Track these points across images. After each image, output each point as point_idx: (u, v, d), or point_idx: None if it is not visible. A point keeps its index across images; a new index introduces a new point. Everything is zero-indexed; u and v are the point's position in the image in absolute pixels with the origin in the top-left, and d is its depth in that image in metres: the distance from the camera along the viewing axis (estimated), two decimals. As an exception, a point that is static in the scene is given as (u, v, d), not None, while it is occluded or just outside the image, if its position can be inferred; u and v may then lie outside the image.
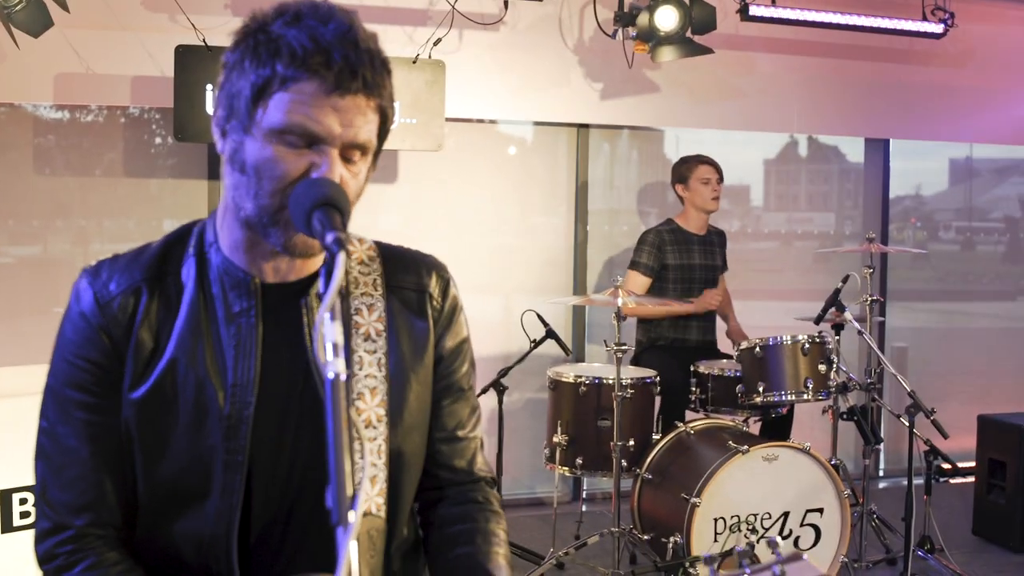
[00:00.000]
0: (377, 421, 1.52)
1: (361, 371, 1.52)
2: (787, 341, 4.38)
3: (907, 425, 4.18)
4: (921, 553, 4.48)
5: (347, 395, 1.14)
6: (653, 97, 5.73)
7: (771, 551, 1.20)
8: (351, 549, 1.03)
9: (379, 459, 1.51)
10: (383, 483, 1.52)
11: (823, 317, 4.46)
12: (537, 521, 5.31)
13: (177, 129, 4.64)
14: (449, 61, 5.07)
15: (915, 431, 4.19)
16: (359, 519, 1.05)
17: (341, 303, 1.52)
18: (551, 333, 4.63)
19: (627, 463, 4.31)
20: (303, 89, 1.35)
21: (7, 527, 2.98)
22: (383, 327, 1.56)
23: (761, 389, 4.37)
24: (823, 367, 4.37)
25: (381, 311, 1.57)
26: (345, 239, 1.24)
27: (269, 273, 1.51)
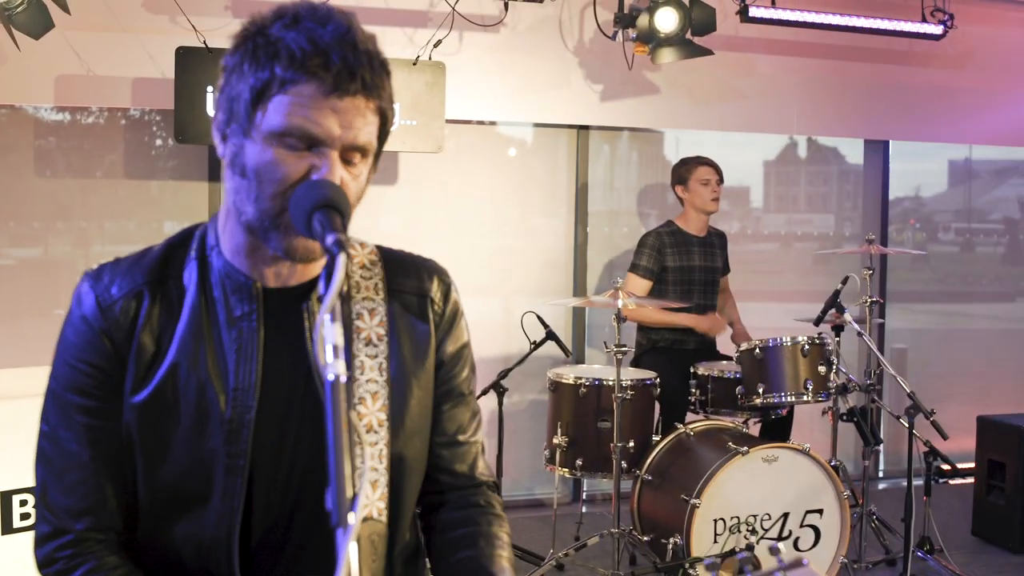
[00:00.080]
0: (378, 426, 1.51)
1: (362, 376, 1.51)
2: (787, 342, 4.38)
3: (907, 426, 4.18)
4: (920, 554, 4.48)
5: (348, 397, 1.14)
6: (653, 99, 5.73)
7: (773, 556, 1.19)
8: (351, 551, 1.03)
9: (380, 464, 1.51)
10: (384, 488, 1.52)
11: (823, 318, 4.46)
12: (537, 522, 5.31)
13: (178, 131, 4.65)
14: (449, 63, 5.07)
15: (915, 432, 4.20)
16: (359, 522, 1.05)
17: (342, 306, 1.52)
18: (551, 335, 4.63)
19: (627, 464, 4.32)
20: (302, 91, 1.34)
21: (7, 529, 2.98)
22: (384, 332, 1.56)
23: (761, 390, 4.37)
24: (823, 368, 4.38)
25: (382, 316, 1.56)
26: (345, 240, 1.24)
27: (271, 277, 1.51)
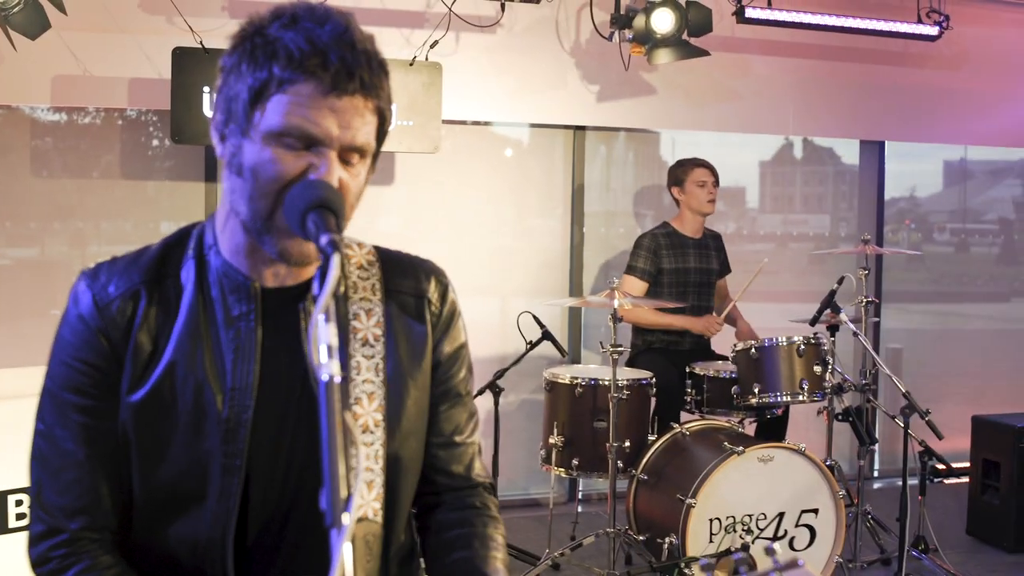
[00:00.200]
0: (374, 426, 1.51)
1: (359, 376, 1.51)
2: (782, 342, 4.39)
3: (902, 426, 4.19)
4: (915, 553, 4.49)
5: (343, 397, 1.14)
6: (649, 99, 5.74)
7: (768, 557, 1.19)
8: (345, 551, 1.03)
9: (376, 464, 1.51)
10: (380, 488, 1.52)
11: (818, 318, 4.47)
12: (533, 522, 5.31)
13: (174, 131, 4.65)
14: (446, 63, 5.07)
15: (910, 432, 4.20)
16: (353, 521, 1.05)
17: (337, 306, 1.52)
18: (547, 335, 4.63)
19: (623, 464, 4.32)
20: (300, 91, 1.34)
21: (3, 529, 2.98)
22: (381, 332, 1.55)
23: (756, 390, 4.38)
24: (818, 368, 4.39)
25: (379, 316, 1.56)
26: (339, 241, 1.24)
27: (269, 277, 1.50)
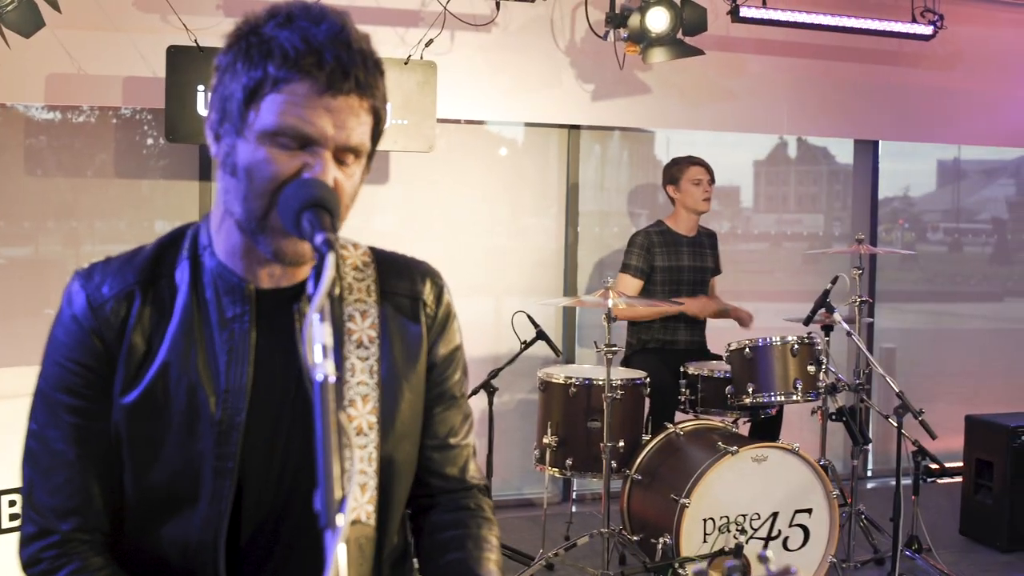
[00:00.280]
0: (368, 428, 1.50)
1: (353, 378, 1.50)
2: (776, 342, 4.39)
3: (895, 426, 4.20)
4: (909, 553, 4.50)
5: (337, 398, 1.13)
6: (644, 98, 5.74)
7: (762, 564, 1.18)
8: (340, 553, 1.02)
9: (370, 467, 1.50)
10: (373, 491, 1.51)
11: (812, 318, 4.47)
12: (527, 522, 5.31)
13: (168, 130, 4.64)
14: (440, 62, 5.07)
15: (903, 431, 4.21)
16: (347, 523, 1.05)
17: (333, 307, 1.51)
18: (541, 334, 4.63)
19: (617, 464, 4.33)
20: (295, 90, 1.33)
21: (-2, 528, 2.98)
22: (376, 334, 1.54)
23: (750, 390, 4.38)
24: (812, 368, 4.39)
25: (374, 318, 1.55)
26: (334, 240, 1.23)
27: (264, 279, 1.49)
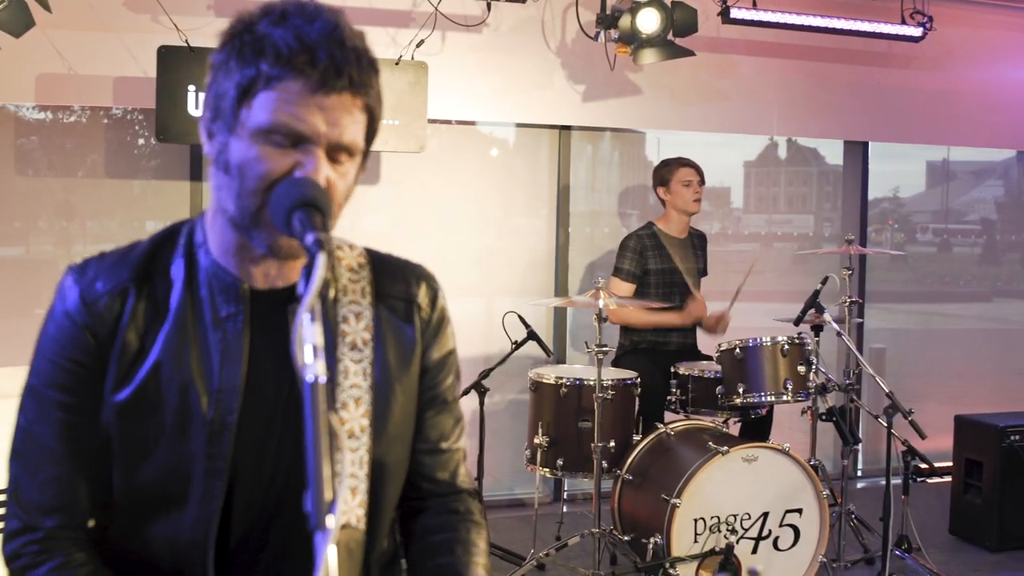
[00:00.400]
0: (360, 431, 1.49)
1: (346, 380, 1.49)
2: (767, 342, 4.40)
3: (885, 425, 4.21)
4: (899, 553, 4.51)
5: (328, 399, 1.13)
6: (635, 99, 5.75)
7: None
8: (330, 554, 1.02)
9: (361, 470, 1.49)
10: (364, 495, 1.50)
11: (802, 318, 4.48)
12: (518, 522, 5.32)
13: (159, 130, 4.63)
14: (432, 62, 5.07)
15: (893, 431, 4.22)
16: (338, 524, 1.04)
17: (325, 308, 1.52)
18: (532, 335, 4.63)
19: (608, 464, 4.33)
20: (288, 88, 1.33)
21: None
22: (370, 336, 1.53)
23: (741, 390, 4.39)
24: (802, 368, 4.40)
25: (369, 320, 1.54)
26: (325, 240, 1.22)
27: (259, 278, 1.49)
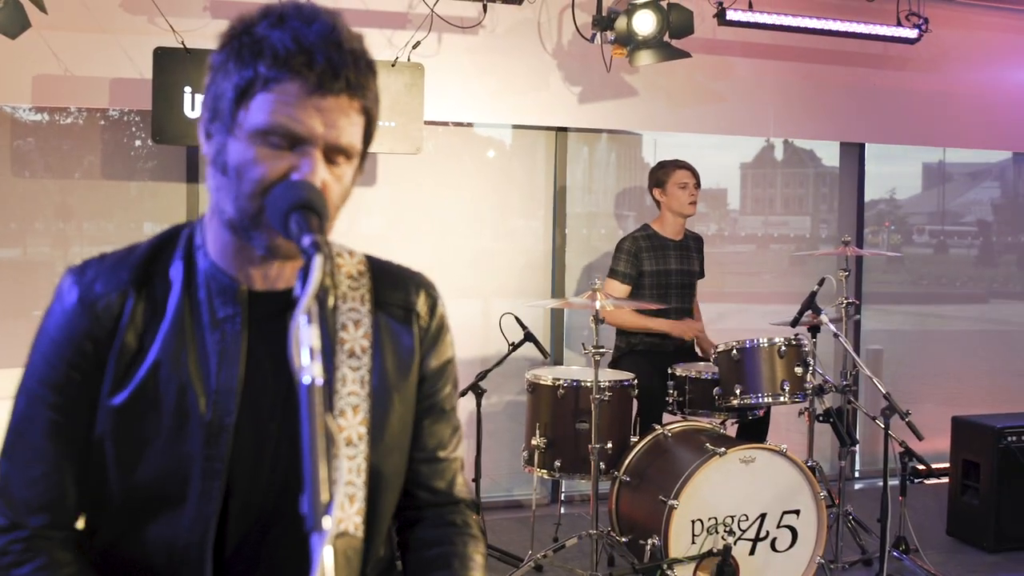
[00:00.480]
0: (358, 439, 1.49)
1: (344, 388, 1.49)
2: (763, 344, 4.40)
3: (882, 427, 4.21)
4: (896, 554, 4.51)
5: (325, 401, 1.13)
6: (631, 101, 5.75)
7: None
8: (326, 555, 1.02)
9: (358, 477, 1.49)
10: (362, 502, 1.49)
11: (799, 320, 4.49)
12: (515, 523, 5.31)
13: (155, 131, 4.62)
14: (428, 64, 5.07)
15: (890, 433, 4.22)
16: (334, 529, 1.04)
17: (324, 314, 1.50)
18: (529, 336, 4.63)
19: (605, 465, 4.33)
20: (286, 90, 1.33)
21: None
22: (368, 344, 1.53)
23: (738, 391, 4.39)
24: (799, 369, 4.40)
25: (368, 327, 1.54)
26: (322, 242, 1.22)
27: (258, 280, 1.48)
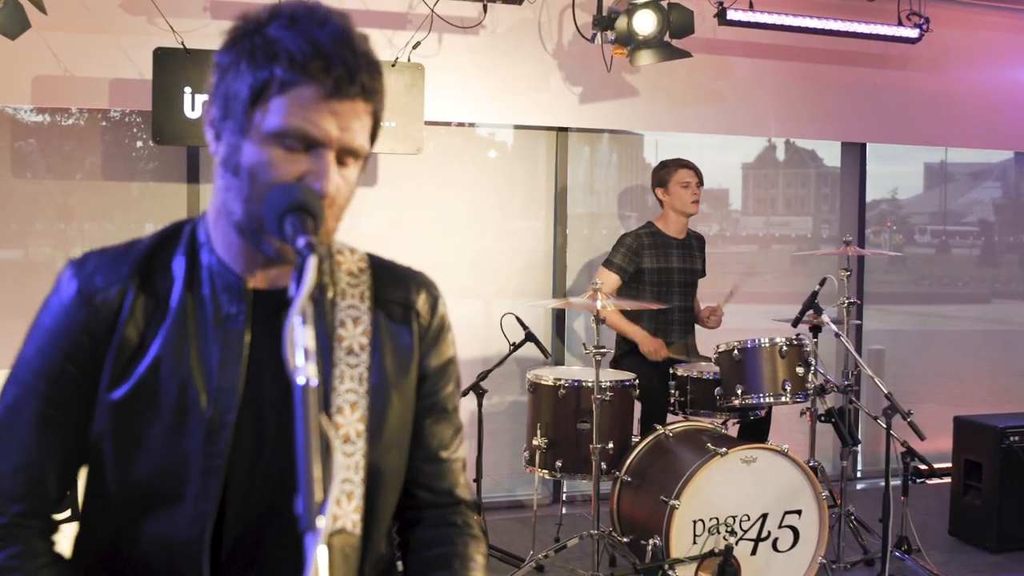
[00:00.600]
0: (356, 436, 1.48)
1: (342, 385, 1.48)
2: (765, 344, 4.40)
3: (884, 427, 4.21)
4: (898, 554, 4.50)
5: (321, 401, 1.13)
6: (632, 101, 5.75)
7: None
8: (320, 555, 1.02)
9: (356, 475, 1.48)
10: (360, 500, 1.49)
11: (801, 319, 4.49)
12: (517, 524, 5.31)
13: (156, 132, 4.63)
14: (428, 64, 5.07)
15: (892, 433, 4.22)
16: (328, 527, 1.04)
17: (323, 311, 1.50)
18: (530, 336, 4.62)
19: (606, 466, 4.33)
20: (302, 94, 1.34)
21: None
22: (367, 341, 1.53)
23: (739, 391, 4.39)
24: (801, 369, 4.39)
25: (367, 324, 1.53)
26: (316, 243, 1.23)
27: (261, 279, 1.48)
